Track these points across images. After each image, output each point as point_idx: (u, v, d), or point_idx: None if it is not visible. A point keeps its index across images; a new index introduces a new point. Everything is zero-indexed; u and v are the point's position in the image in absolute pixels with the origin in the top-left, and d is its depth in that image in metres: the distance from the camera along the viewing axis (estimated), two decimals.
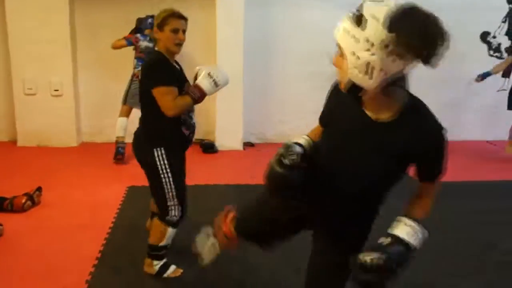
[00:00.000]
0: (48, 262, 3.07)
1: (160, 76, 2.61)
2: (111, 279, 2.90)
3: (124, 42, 5.27)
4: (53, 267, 3.00)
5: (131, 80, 5.38)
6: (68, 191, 4.42)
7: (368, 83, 1.43)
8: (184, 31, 2.69)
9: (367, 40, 1.36)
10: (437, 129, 1.57)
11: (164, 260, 2.92)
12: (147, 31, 5.34)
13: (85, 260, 3.07)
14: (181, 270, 2.93)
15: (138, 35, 5.42)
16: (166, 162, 2.68)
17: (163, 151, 2.67)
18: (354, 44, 1.39)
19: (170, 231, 2.81)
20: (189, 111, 2.75)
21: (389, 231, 1.57)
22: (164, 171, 2.69)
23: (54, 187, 4.39)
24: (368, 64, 1.38)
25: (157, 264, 2.90)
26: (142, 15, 5.91)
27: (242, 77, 5.93)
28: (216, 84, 2.72)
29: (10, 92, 5.88)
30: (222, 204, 2.30)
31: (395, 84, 1.48)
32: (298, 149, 1.69)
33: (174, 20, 2.66)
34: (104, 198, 4.26)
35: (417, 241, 1.54)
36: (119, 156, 5.31)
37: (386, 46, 1.35)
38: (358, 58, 1.39)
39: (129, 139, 3.12)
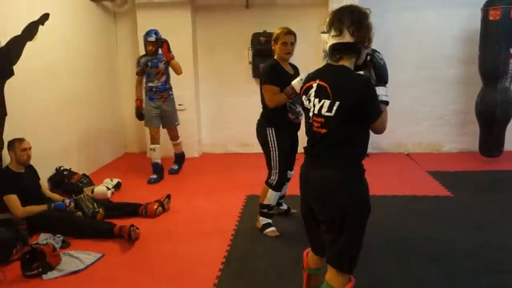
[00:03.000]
0: (178, 265, 3.30)
1: (267, 77, 3.52)
2: (237, 283, 3.01)
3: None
4: (182, 270, 3.21)
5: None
6: (193, 198, 4.72)
7: None
8: (292, 44, 3.55)
9: None
10: None
11: (269, 220, 3.74)
12: None
13: (212, 265, 3.24)
14: (278, 233, 3.68)
15: None
16: (274, 138, 3.55)
17: (273, 131, 3.56)
18: None
19: (271, 192, 3.63)
20: (294, 101, 3.52)
21: None
22: (272, 144, 3.56)
23: (180, 195, 4.72)
24: None
25: (263, 221, 3.73)
26: (259, 30, 6.17)
27: None
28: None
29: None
30: None
31: None
32: None
33: (283, 36, 3.53)
34: (226, 206, 4.47)
35: None
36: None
37: None
38: None
39: None
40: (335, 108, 2.01)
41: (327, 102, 2.03)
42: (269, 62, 3.61)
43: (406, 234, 3.65)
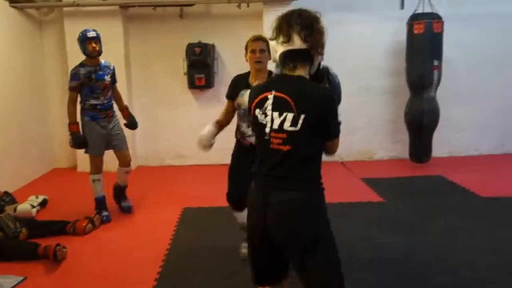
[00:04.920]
0: (109, 285, 3.12)
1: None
2: None
3: None
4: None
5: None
6: (124, 214, 4.53)
7: None
8: (262, 51, 3.11)
9: None
10: None
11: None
12: None
13: (145, 282, 3.10)
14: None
15: None
16: (233, 152, 3.34)
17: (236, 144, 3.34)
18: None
19: (234, 213, 3.32)
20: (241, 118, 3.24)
21: None
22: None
23: (113, 210, 4.51)
24: None
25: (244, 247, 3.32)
26: (194, 41, 6.10)
27: None
28: None
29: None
30: None
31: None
32: None
33: (251, 43, 3.16)
34: (160, 220, 4.32)
35: None
36: None
37: None
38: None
39: None
40: (300, 121, 1.80)
41: (290, 115, 1.82)
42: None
43: (342, 239, 3.68)
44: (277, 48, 1.91)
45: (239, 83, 3.21)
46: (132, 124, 4.64)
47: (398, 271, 3.18)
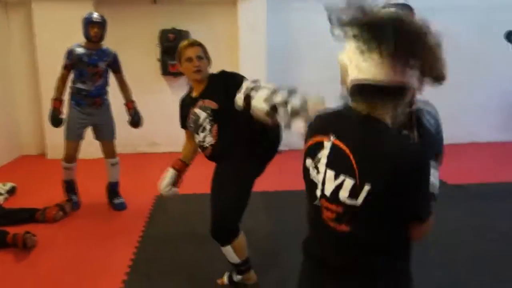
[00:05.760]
0: (80, 272, 3.08)
1: None
2: (145, 285, 2.89)
3: None
4: (85, 277, 3.01)
5: None
6: (98, 200, 4.45)
7: None
8: (199, 58, 2.64)
9: None
10: None
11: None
12: None
13: (118, 269, 3.07)
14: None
15: None
16: None
17: None
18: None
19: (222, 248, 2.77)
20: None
21: None
22: None
23: (85, 197, 4.43)
24: None
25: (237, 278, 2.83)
26: (167, 27, 6.00)
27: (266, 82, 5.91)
28: None
29: (39, 107, 5.98)
30: None
31: None
32: None
33: (185, 50, 2.66)
34: (133, 207, 4.28)
35: None
36: None
37: None
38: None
39: None
40: (363, 193, 1.16)
41: (349, 182, 1.18)
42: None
43: None
44: (351, 69, 1.18)
45: (184, 106, 2.81)
46: (134, 121, 4.38)
47: None
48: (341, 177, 1.20)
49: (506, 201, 4.35)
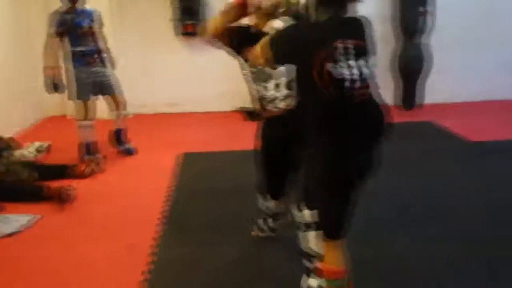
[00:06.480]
0: (117, 222, 3.25)
1: None
2: (178, 236, 3.03)
3: None
4: (122, 227, 3.17)
5: None
6: (127, 159, 4.62)
7: None
8: None
9: None
10: None
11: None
12: None
13: (150, 221, 3.21)
14: None
15: None
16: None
17: None
18: None
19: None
20: None
21: None
22: None
23: (114, 156, 4.60)
24: None
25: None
26: None
27: None
28: None
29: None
30: None
31: None
32: None
33: None
34: (159, 165, 4.41)
35: None
36: None
37: None
38: None
39: None
40: None
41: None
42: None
43: None
44: None
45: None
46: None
47: (393, 204, 3.34)
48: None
49: None
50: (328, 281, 2.01)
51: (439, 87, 6.45)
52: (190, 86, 6.36)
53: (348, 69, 1.77)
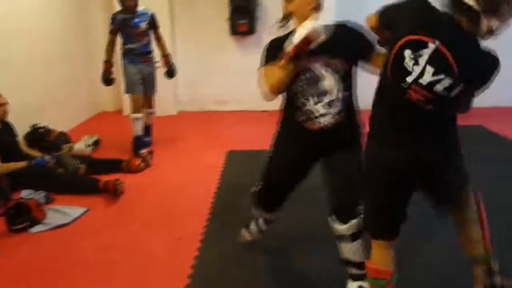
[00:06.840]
0: (166, 216, 3.38)
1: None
2: (225, 231, 3.11)
3: None
4: (170, 220, 3.30)
5: None
6: (173, 154, 4.76)
7: None
8: None
9: None
10: None
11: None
12: None
13: (198, 215, 3.32)
14: None
15: None
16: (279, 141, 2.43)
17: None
18: None
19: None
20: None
21: None
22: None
23: (160, 150, 4.74)
24: None
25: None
26: None
27: None
28: None
29: (116, 66, 6.27)
30: None
31: None
32: None
33: None
34: (207, 161, 4.52)
35: None
36: None
37: None
38: None
39: None
40: (456, 90, 1.68)
41: (447, 81, 1.65)
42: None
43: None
44: None
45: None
46: (170, 72, 4.84)
47: None
48: (441, 75, 1.64)
49: None
50: (371, 280, 2.02)
51: (490, 91, 6.17)
52: (239, 85, 6.45)
53: (417, 66, 1.68)
